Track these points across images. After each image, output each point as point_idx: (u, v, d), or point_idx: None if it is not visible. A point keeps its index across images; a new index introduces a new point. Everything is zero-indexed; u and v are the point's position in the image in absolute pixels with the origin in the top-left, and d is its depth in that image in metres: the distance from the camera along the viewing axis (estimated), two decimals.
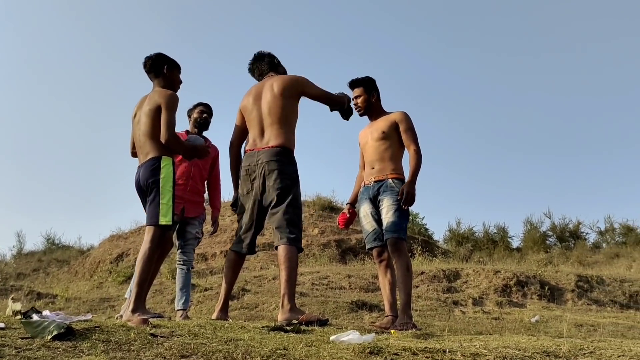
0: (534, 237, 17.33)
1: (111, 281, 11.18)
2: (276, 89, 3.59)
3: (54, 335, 2.02)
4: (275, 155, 3.50)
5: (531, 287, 8.64)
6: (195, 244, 4.73)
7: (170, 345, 2.06)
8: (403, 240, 3.74)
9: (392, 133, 3.90)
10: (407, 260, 3.72)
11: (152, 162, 3.38)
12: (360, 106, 4.03)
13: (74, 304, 8.06)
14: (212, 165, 4.87)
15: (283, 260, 3.34)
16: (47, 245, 18.10)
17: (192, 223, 4.68)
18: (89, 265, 13.93)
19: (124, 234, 15.57)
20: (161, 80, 3.59)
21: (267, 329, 2.65)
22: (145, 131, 3.43)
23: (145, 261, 3.27)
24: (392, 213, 3.73)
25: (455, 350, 2.32)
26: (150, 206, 3.35)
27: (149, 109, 3.41)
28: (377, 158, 3.92)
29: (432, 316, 6.73)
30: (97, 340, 2.07)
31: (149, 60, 3.62)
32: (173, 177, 3.40)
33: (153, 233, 3.33)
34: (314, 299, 6.95)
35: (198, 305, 6.82)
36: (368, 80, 4.07)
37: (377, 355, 2.12)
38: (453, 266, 9.72)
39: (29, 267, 15.79)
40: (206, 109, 4.84)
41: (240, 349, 2.04)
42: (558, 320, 6.78)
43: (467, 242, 17.45)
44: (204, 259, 12.17)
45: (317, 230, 14.20)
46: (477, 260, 13.18)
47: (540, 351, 2.38)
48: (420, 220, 18.39)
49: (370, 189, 3.90)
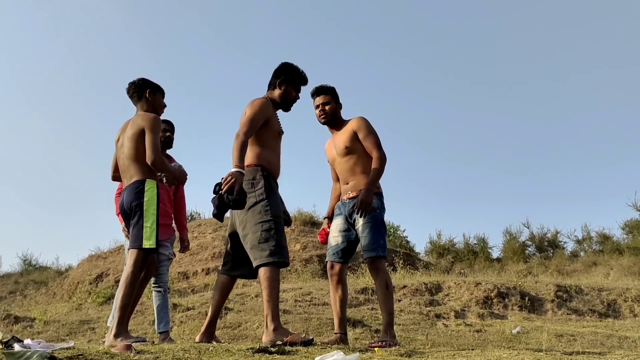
0: (514, 247, 17.49)
1: (91, 302, 11.01)
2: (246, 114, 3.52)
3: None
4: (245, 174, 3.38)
5: (512, 299, 8.73)
6: (168, 264, 4.72)
7: None
8: (381, 258, 3.71)
9: (355, 145, 3.80)
10: (386, 279, 3.67)
11: (136, 185, 3.40)
12: (327, 113, 3.90)
13: (53, 327, 7.92)
14: (177, 187, 4.81)
15: (262, 280, 3.30)
16: (24, 267, 17.78)
17: (165, 245, 4.63)
18: (67, 286, 13.71)
19: (103, 254, 15.38)
20: (144, 104, 3.62)
21: (251, 351, 2.66)
22: (128, 155, 3.45)
23: (128, 285, 3.27)
24: (367, 231, 3.68)
25: None
26: (134, 229, 3.36)
27: (132, 133, 3.44)
28: (349, 174, 3.85)
29: (414, 330, 6.77)
30: None
31: (132, 86, 3.66)
32: (157, 200, 3.41)
33: (136, 256, 3.33)
34: (297, 316, 6.94)
35: (180, 326, 6.76)
36: (333, 89, 3.98)
37: None
38: (434, 279, 9.79)
39: (5, 290, 15.47)
40: (168, 126, 4.77)
41: None
42: (539, 331, 6.87)
43: (448, 254, 17.55)
44: (185, 278, 12.08)
45: (299, 245, 14.20)
46: (458, 272, 13.28)
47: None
48: (401, 232, 18.52)
49: (346, 206, 3.83)
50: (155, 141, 3.38)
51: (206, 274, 12.10)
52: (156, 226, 3.37)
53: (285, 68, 3.73)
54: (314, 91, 3.98)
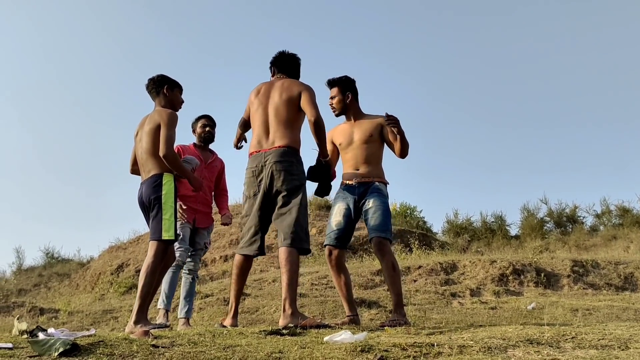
0: (532, 224, 17.39)
1: (113, 292, 11.28)
2: (285, 96, 3.62)
3: (60, 352, 2.12)
4: (283, 155, 3.52)
5: (527, 275, 8.77)
6: (202, 254, 4.85)
7: (171, 355, 2.17)
8: (388, 241, 3.79)
9: (378, 137, 3.96)
10: (392, 260, 3.76)
11: (154, 179, 3.51)
12: (335, 107, 4.06)
13: (77, 318, 8.15)
14: (219, 177, 4.98)
15: (284, 263, 3.37)
16: (47, 260, 18.12)
17: (202, 233, 4.79)
18: (89, 277, 14.01)
19: (123, 245, 15.65)
20: (162, 99, 3.72)
21: (264, 334, 2.76)
22: (147, 149, 3.56)
23: (149, 274, 3.39)
24: (379, 213, 3.77)
25: (443, 343, 2.44)
26: (153, 222, 3.47)
27: (150, 128, 3.55)
28: (363, 161, 3.94)
29: (430, 309, 6.84)
30: (102, 354, 2.18)
31: (150, 82, 3.78)
32: (175, 193, 3.52)
33: (156, 247, 3.45)
34: (313, 299, 7.06)
35: (200, 312, 6.92)
36: (343, 79, 4.07)
37: (368, 352, 2.23)
38: (450, 258, 9.85)
39: (29, 283, 15.84)
40: (208, 121, 4.91)
41: (238, 354, 2.15)
42: (554, 307, 6.91)
43: (466, 233, 17.55)
44: (204, 265, 12.27)
45: (315, 230, 14.32)
46: (475, 251, 13.33)
47: (524, 339, 2.50)
48: (418, 213, 18.55)
49: (355, 189, 3.90)
50: (169, 136, 3.48)
51: (224, 261, 12.28)
52: (174, 218, 3.48)
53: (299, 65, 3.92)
54: (327, 84, 4.12)
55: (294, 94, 3.61)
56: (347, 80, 4.07)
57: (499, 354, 2.27)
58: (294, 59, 3.88)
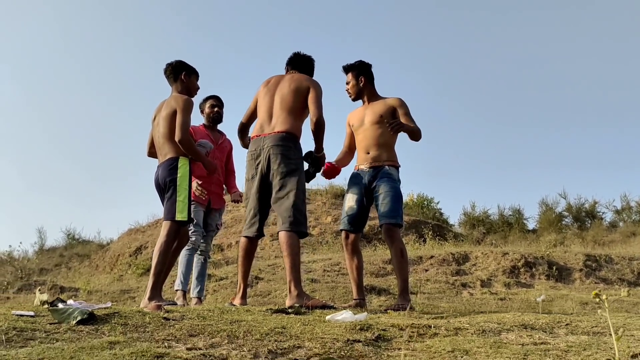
0: (550, 218, 17.30)
1: (131, 273, 11.55)
2: (293, 86, 3.75)
3: (78, 320, 2.27)
4: (282, 140, 3.62)
5: (539, 268, 8.79)
6: (213, 235, 4.98)
7: (180, 326, 2.31)
8: (398, 227, 3.83)
9: (389, 118, 3.93)
10: (400, 246, 3.80)
11: (170, 162, 3.64)
12: (350, 92, 4.11)
13: (96, 296, 8.40)
14: (228, 157, 5.11)
15: (285, 247, 3.48)
16: (68, 241, 18.52)
17: (214, 215, 4.93)
18: (108, 258, 14.34)
19: (141, 228, 15.96)
20: (178, 85, 3.84)
21: (270, 312, 2.89)
22: (163, 133, 3.69)
23: (162, 253, 3.54)
24: (388, 199, 3.79)
25: (440, 325, 2.54)
26: (168, 203, 3.61)
27: (167, 113, 3.68)
28: (373, 143, 3.95)
29: (439, 298, 6.94)
30: (116, 323, 2.33)
31: (169, 67, 3.89)
32: (189, 176, 3.65)
33: (169, 228, 3.59)
34: (324, 285, 7.20)
35: (213, 294, 7.10)
36: (358, 65, 4.11)
37: (367, 331, 2.35)
38: (462, 249, 9.90)
39: (51, 263, 16.26)
40: (216, 101, 5.00)
41: (242, 328, 2.28)
42: (564, 299, 6.95)
43: (482, 225, 17.52)
44: (219, 250, 12.48)
45: (330, 218, 14.44)
46: (489, 243, 13.34)
47: (519, 324, 2.60)
48: (435, 204, 18.58)
49: (366, 175, 3.94)
50: (185, 121, 3.61)
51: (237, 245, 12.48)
52: (188, 200, 3.61)
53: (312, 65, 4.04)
54: (342, 70, 4.17)
55: (303, 87, 3.73)
56: (361, 65, 4.11)
57: (492, 336, 2.37)
58: (308, 60, 4.02)
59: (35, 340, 2.01)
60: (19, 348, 1.88)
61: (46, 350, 1.81)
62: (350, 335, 2.26)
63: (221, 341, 2.10)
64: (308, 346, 2.07)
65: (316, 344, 2.09)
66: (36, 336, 2.06)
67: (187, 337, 2.16)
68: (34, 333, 2.10)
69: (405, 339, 2.27)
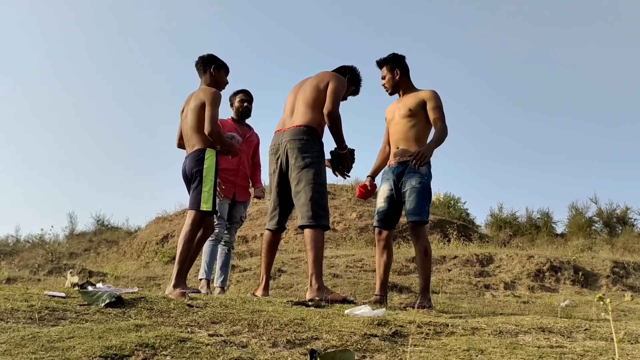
0: (579, 223, 17.01)
1: (157, 261, 11.78)
2: (315, 79, 3.78)
3: (106, 303, 2.37)
4: (299, 134, 3.65)
5: (565, 273, 8.69)
6: (237, 226, 5.08)
7: (203, 313, 2.39)
8: (423, 224, 3.80)
9: (419, 111, 3.88)
10: (425, 245, 3.78)
11: (197, 153, 3.73)
12: (386, 86, 4.08)
13: (123, 282, 8.59)
14: (254, 151, 5.20)
15: (308, 241, 3.53)
16: (97, 227, 18.94)
17: (239, 207, 5.03)
18: (136, 245, 14.64)
19: (169, 216, 16.23)
20: (207, 78, 3.92)
21: (290, 303, 2.96)
22: (191, 125, 3.78)
23: (186, 242, 3.63)
24: (414, 196, 3.77)
25: (457, 325, 2.57)
26: (194, 192, 3.70)
27: (195, 105, 3.76)
28: (402, 137, 3.93)
29: (461, 299, 6.92)
30: (143, 308, 2.42)
31: (200, 60, 3.98)
32: (216, 168, 3.74)
33: (194, 217, 3.68)
34: (346, 280, 7.25)
35: (237, 285, 7.21)
36: (392, 57, 4.06)
37: (384, 326, 2.39)
38: (487, 251, 9.83)
39: (80, 247, 16.66)
40: (246, 96, 5.09)
41: (263, 318, 2.35)
42: (588, 305, 6.84)
43: (509, 227, 17.33)
44: (244, 241, 12.63)
45: (355, 214, 14.47)
46: (515, 246, 13.19)
47: (537, 327, 2.60)
48: (461, 204, 18.46)
49: (395, 170, 3.94)
50: (214, 114, 3.69)
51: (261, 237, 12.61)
52: (214, 191, 3.70)
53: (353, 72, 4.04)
54: (376, 64, 4.14)
55: (325, 81, 3.74)
56: (395, 58, 4.07)
57: (508, 338, 2.39)
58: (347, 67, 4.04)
59: (66, 320, 2.11)
60: (51, 327, 1.98)
61: (76, 329, 1.90)
62: (367, 329, 2.30)
63: (242, 329, 2.17)
64: (326, 338, 2.13)
65: (334, 336, 2.14)
66: (67, 316, 2.16)
67: (210, 323, 2.23)
68: (65, 313, 2.20)
69: (422, 336, 2.31)
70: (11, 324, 1.97)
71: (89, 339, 1.76)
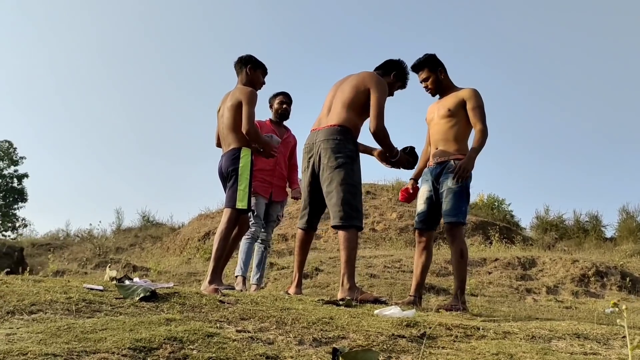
0: (630, 227, 16.44)
1: (198, 257, 12.01)
2: (356, 78, 3.74)
3: (141, 297, 2.44)
4: (333, 133, 3.62)
5: (611, 278, 8.42)
6: (274, 225, 5.14)
7: (233, 310, 2.43)
8: (460, 225, 3.75)
9: (458, 111, 3.82)
10: (461, 246, 3.72)
11: (233, 152, 3.80)
12: (430, 88, 3.99)
13: (165, 277, 8.81)
14: (291, 153, 5.25)
15: (342, 241, 3.51)
16: (143, 222, 19.48)
17: (276, 206, 5.09)
18: (179, 242, 14.96)
19: (211, 214, 16.52)
20: (244, 77, 3.99)
21: (321, 302, 2.97)
22: (227, 124, 3.84)
23: (222, 239, 3.70)
24: (451, 196, 3.72)
25: (489, 328, 2.53)
26: (229, 191, 3.77)
27: (231, 104, 3.82)
28: (442, 137, 3.88)
29: (501, 302, 6.79)
30: (175, 302, 2.48)
31: (239, 59, 4.05)
32: (251, 166, 3.79)
33: (230, 215, 3.75)
34: (383, 281, 7.22)
35: (274, 282, 7.30)
36: (430, 58, 3.98)
37: (413, 327, 2.37)
38: (530, 254, 9.62)
39: (126, 242, 17.16)
40: (286, 98, 5.16)
41: (291, 315, 2.37)
42: (635, 313, 6.62)
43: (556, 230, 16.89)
44: (284, 240, 12.74)
45: (395, 214, 14.39)
46: (560, 249, 12.85)
47: (573, 333, 2.54)
48: (506, 206, 18.11)
49: (433, 171, 3.89)
50: (251, 113, 3.74)
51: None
52: (249, 190, 3.75)
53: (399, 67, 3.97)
54: (412, 69, 4.04)
55: (364, 84, 3.68)
56: (433, 58, 3.99)
57: (541, 343, 2.34)
58: (390, 61, 3.97)
59: (102, 312, 2.18)
60: (87, 318, 2.05)
61: (109, 322, 1.96)
62: (395, 330, 2.29)
63: (270, 326, 2.19)
64: (352, 337, 2.13)
65: (360, 336, 2.14)
66: (102, 309, 2.23)
67: (239, 320, 2.27)
68: (101, 306, 2.28)
69: (451, 339, 2.29)
70: (49, 314, 2.05)
71: (120, 331, 1.82)
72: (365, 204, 15.05)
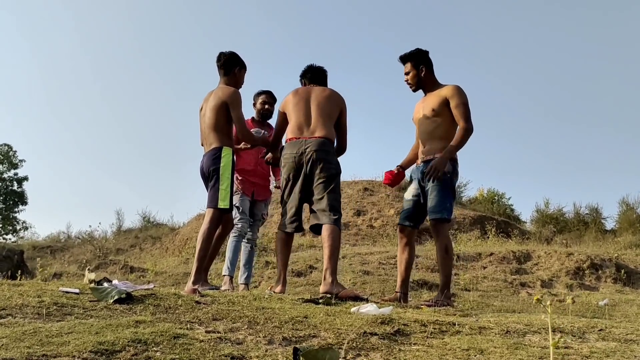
0: (630, 219, 16.40)
1: None
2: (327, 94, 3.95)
3: (115, 299, 2.45)
4: (323, 145, 3.78)
5: (606, 271, 8.39)
6: (260, 224, 5.14)
7: (208, 310, 2.43)
8: (445, 221, 3.77)
9: (443, 110, 3.82)
10: (446, 243, 3.75)
11: (214, 152, 3.79)
12: (410, 83, 4.01)
13: (161, 277, 8.83)
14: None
15: (327, 238, 3.61)
16: (143, 223, 19.47)
17: (260, 205, 5.09)
18: (178, 242, 14.96)
19: None
20: (229, 78, 3.96)
21: (300, 301, 2.98)
22: (209, 124, 3.84)
23: (205, 239, 3.70)
24: (435, 194, 3.74)
25: (464, 323, 2.53)
26: (211, 191, 3.77)
27: (215, 104, 3.81)
28: (428, 137, 3.90)
29: (494, 297, 6.78)
30: (150, 304, 2.49)
31: (223, 57, 3.98)
32: (232, 166, 3.80)
33: (212, 215, 3.75)
34: (376, 277, 7.22)
35: (268, 281, 7.29)
36: (417, 53, 3.99)
37: (387, 324, 2.37)
38: (525, 248, 9.61)
39: (126, 243, 17.16)
40: (269, 98, 5.15)
41: (265, 315, 2.38)
42: (629, 305, 6.60)
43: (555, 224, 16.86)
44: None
45: (393, 211, 14.38)
46: (559, 243, 12.84)
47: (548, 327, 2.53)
48: (506, 200, 18.10)
49: (419, 169, 3.92)
50: (240, 115, 3.79)
51: (301, 236, 12.67)
52: (230, 189, 3.75)
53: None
54: (399, 59, 4.07)
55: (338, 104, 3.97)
56: (420, 53, 4.00)
57: (515, 337, 2.34)
58: (322, 71, 4.18)
59: (72, 315, 2.19)
60: (56, 322, 2.06)
61: (77, 325, 1.97)
62: (368, 327, 2.29)
63: (241, 326, 2.20)
64: (323, 336, 2.13)
65: (331, 334, 2.15)
66: (74, 312, 2.24)
67: (211, 320, 2.27)
68: (73, 309, 2.28)
69: (424, 335, 2.29)
70: (18, 319, 2.06)
71: (86, 335, 1.83)
72: (363, 201, 15.07)
